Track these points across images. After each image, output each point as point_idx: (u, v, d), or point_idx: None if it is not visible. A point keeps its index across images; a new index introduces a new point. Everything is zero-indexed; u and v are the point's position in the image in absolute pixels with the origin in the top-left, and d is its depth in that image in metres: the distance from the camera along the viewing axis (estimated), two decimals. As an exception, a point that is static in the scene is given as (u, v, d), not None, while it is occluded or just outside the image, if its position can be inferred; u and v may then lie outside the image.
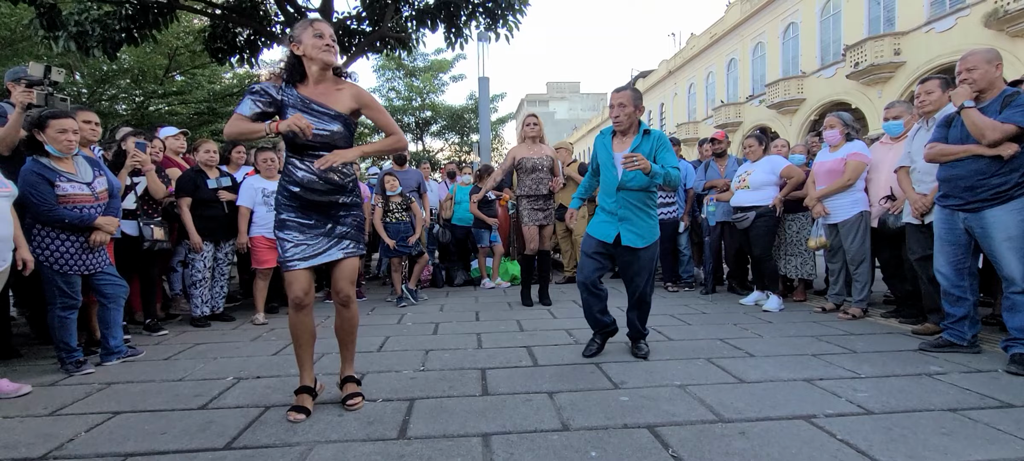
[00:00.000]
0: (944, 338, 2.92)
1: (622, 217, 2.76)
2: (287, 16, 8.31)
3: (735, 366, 2.69)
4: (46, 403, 2.32)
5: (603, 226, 2.82)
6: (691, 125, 27.46)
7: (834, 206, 3.97)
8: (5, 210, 2.46)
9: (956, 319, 2.86)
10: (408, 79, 21.10)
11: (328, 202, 2.14)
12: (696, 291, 5.29)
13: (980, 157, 2.65)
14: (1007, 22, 12.62)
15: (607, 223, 2.81)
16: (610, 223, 2.79)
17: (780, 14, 21.28)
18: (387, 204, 5.04)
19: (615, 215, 2.78)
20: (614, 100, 2.82)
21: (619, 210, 2.76)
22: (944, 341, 2.91)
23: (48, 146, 2.72)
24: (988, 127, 2.57)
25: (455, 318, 4.20)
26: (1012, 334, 2.63)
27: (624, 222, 2.76)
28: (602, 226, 2.82)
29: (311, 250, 2.12)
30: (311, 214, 2.13)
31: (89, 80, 11.92)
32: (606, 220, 2.82)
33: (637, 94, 2.84)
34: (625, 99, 2.78)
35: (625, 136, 2.84)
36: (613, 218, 2.78)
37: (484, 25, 8.90)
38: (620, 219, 2.76)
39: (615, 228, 2.76)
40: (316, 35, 2.06)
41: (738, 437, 1.85)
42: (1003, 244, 2.59)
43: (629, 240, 2.74)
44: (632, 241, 2.74)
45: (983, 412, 2.02)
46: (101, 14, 7.27)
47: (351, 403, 2.19)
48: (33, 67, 3.04)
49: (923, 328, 3.35)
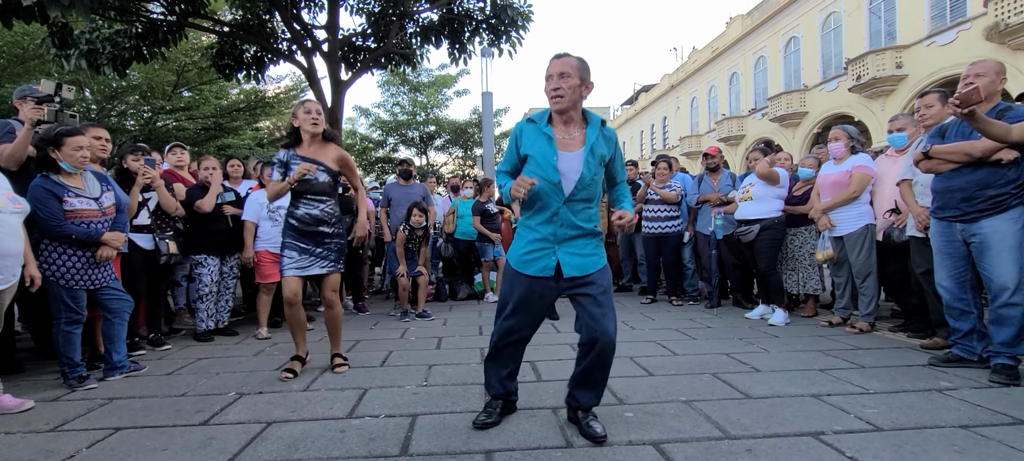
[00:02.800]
0: (954, 353, 2.88)
1: (561, 238, 1.96)
2: (293, 33, 8.44)
3: (741, 381, 2.66)
4: (48, 419, 2.32)
5: (534, 257, 1.97)
6: (694, 138, 27.52)
7: (839, 219, 3.95)
8: (16, 226, 2.48)
9: (963, 333, 2.83)
10: (412, 94, 21.30)
11: (317, 231, 2.96)
12: (700, 305, 5.25)
13: (977, 167, 2.64)
14: (1008, 35, 12.64)
15: (541, 252, 1.97)
16: (545, 250, 1.97)
17: (781, 29, 21.43)
18: (411, 234, 5.08)
19: (552, 239, 1.96)
20: (553, 68, 1.95)
21: (559, 229, 1.96)
22: (954, 356, 2.87)
23: (63, 163, 2.75)
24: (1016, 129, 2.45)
25: (458, 332, 4.18)
26: (996, 347, 2.62)
27: (564, 244, 1.96)
28: (533, 258, 1.98)
29: (304, 265, 2.95)
30: (306, 240, 2.95)
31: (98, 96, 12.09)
32: (539, 248, 1.97)
33: (584, 65, 1.98)
34: (569, 67, 1.94)
35: (568, 124, 2.01)
36: (549, 243, 1.97)
37: (487, 41, 9.01)
38: (559, 241, 1.96)
39: (552, 256, 1.96)
40: (306, 112, 2.94)
41: (745, 454, 1.82)
42: (1000, 254, 2.58)
43: (575, 268, 1.95)
44: (580, 267, 1.95)
45: (996, 429, 1.98)
46: (111, 32, 7.41)
47: (338, 368, 3.03)
48: (45, 84, 3.09)
49: (931, 342, 3.30)
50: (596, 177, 1.98)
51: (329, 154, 3.00)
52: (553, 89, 1.94)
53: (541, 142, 1.98)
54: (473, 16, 8.81)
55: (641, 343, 3.60)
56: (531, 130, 2.03)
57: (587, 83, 1.99)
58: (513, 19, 8.56)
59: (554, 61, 1.97)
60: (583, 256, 1.97)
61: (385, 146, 22.75)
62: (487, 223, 5.97)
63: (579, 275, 1.95)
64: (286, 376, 2.88)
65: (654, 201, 5.47)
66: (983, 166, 2.63)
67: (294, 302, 2.93)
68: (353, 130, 22.32)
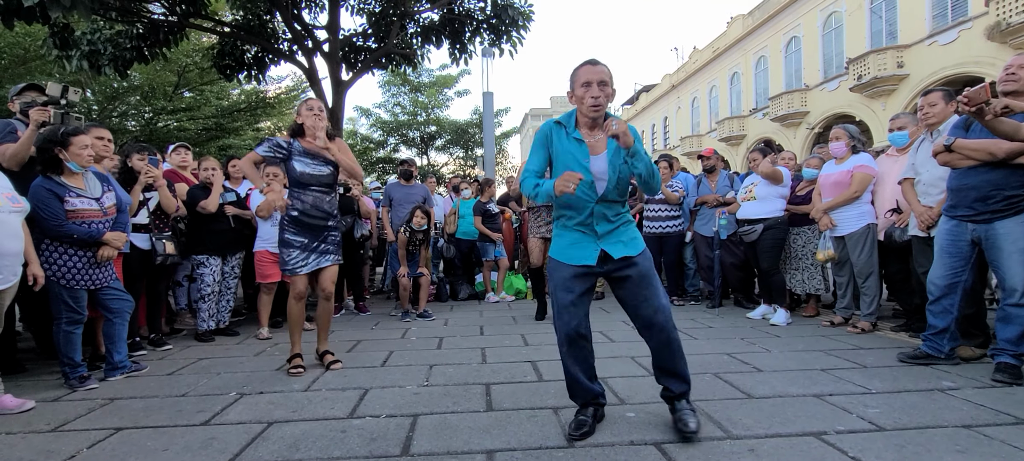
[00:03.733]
0: (922, 350, 2.92)
1: (602, 234, 2.04)
2: (294, 34, 8.44)
3: (743, 381, 2.65)
4: (49, 419, 2.32)
5: (578, 248, 2.05)
6: (695, 139, 27.51)
7: (841, 218, 3.94)
8: (16, 225, 2.48)
9: (937, 331, 2.86)
10: (413, 94, 21.29)
11: (319, 225, 3.01)
12: (702, 305, 5.24)
13: (995, 167, 2.60)
14: (1010, 34, 12.61)
15: (583, 243, 2.05)
16: (587, 241, 2.05)
17: (782, 28, 21.41)
18: (412, 237, 5.07)
19: (591, 230, 2.05)
20: (593, 75, 1.98)
21: (597, 225, 2.04)
22: (922, 353, 2.91)
23: (70, 163, 2.76)
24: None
25: (459, 332, 4.18)
26: (1000, 344, 2.62)
27: (605, 238, 2.04)
28: (576, 248, 2.05)
29: (308, 259, 3.00)
30: (306, 233, 2.98)
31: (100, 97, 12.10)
32: (580, 239, 2.06)
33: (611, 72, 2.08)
34: (607, 76, 2.00)
35: (594, 128, 2.06)
36: (589, 234, 2.05)
37: (488, 41, 9.01)
38: (599, 236, 2.04)
39: (595, 245, 2.04)
40: (308, 109, 3.04)
41: (747, 454, 1.81)
42: (1011, 256, 2.56)
43: (621, 250, 2.03)
44: (625, 250, 2.03)
45: (999, 429, 1.97)
46: (113, 33, 7.42)
47: (334, 366, 3.06)
48: (51, 87, 3.10)
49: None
50: (624, 174, 2.04)
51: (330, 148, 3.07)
52: (593, 97, 1.98)
53: (572, 146, 2.04)
54: (474, 16, 8.81)
55: (642, 343, 3.56)
56: (560, 133, 2.08)
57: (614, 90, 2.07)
58: (514, 19, 8.56)
59: (590, 67, 2.00)
60: (625, 242, 2.05)
61: (386, 146, 22.75)
62: (488, 223, 5.96)
63: (626, 256, 2.02)
64: (296, 372, 2.94)
65: (655, 201, 5.46)
66: (1002, 167, 2.59)
67: (303, 296, 3.02)
68: (354, 130, 22.31)
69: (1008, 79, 2.67)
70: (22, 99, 3.16)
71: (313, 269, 3.01)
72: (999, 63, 2.86)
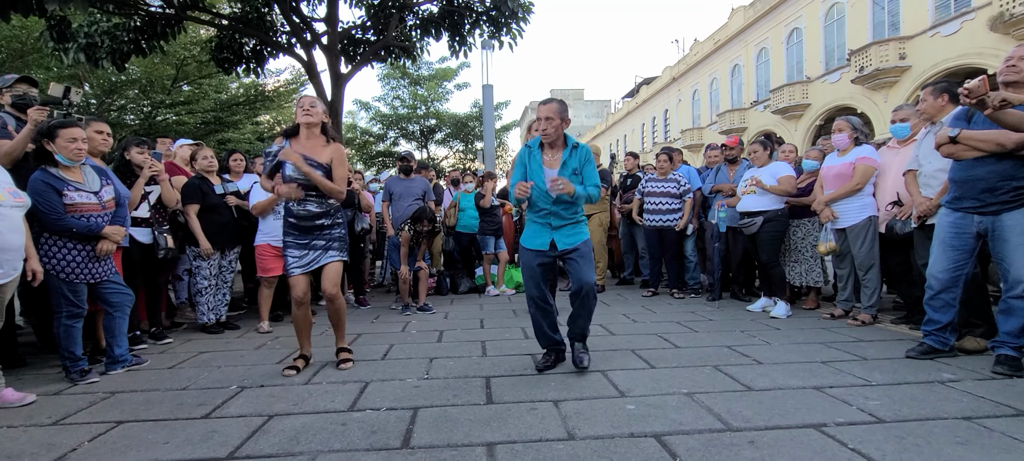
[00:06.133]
0: (927, 344, 2.89)
1: (555, 226, 2.81)
2: (293, 26, 8.39)
3: (743, 373, 2.65)
4: (50, 412, 2.32)
5: (537, 237, 2.85)
6: (695, 131, 27.42)
7: (842, 210, 3.92)
8: (17, 220, 2.48)
9: (941, 326, 2.84)
10: (413, 87, 21.22)
11: (315, 225, 2.95)
12: (702, 298, 5.24)
13: (1002, 158, 2.58)
14: (1013, 25, 12.53)
15: (541, 232, 2.85)
16: (543, 231, 2.84)
17: (784, 20, 21.27)
18: (416, 237, 5.06)
19: (548, 224, 2.82)
20: (541, 113, 2.81)
21: (552, 219, 2.81)
22: (928, 347, 2.88)
23: (58, 155, 2.74)
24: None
25: (460, 326, 4.18)
26: (1001, 336, 2.62)
27: (558, 230, 2.81)
28: (536, 237, 2.86)
29: (306, 261, 2.93)
30: (304, 235, 2.94)
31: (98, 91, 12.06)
32: (539, 231, 2.85)
33: (563, 106, 2.85)
34: (552, 112, 2.79)
35: (553, 148, 2.86)
36: (546, 227, 2.83)
37: (488, 34, 8.96)
38: (553, 227, 2.81)
39: (549, 235, 2.82)
40: (300, 107, 2.99)
41: (747, 446, 1.81)
42: (1020, 248, 2.54)
43: (565, 243, 2.81)
44: (569, 243, 2.81)
45: (999, 420, 1.98)
46: (110, 26, 7.38)
47: (343, 364, 2.99)
48: (53, 88, 3.08)
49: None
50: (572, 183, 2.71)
51: (326, 152, 2.96)
52: (542, 129, 2.82)
53: (536, 163, 2.85)
54: (473, 8, 8.75)
55: (643, 336, 3.59)
56: (530, 154, 2.89)
57: (566, 119, 2.84)
58: (513, 11, 8.50)
59: (541, 106, 2.83)
60: (570, 236, 2.84)
61: (385, 140, 22.70)
62: (489, 215, 5.96)
63: (569, 248, 2.82)
64: (288, 372, 2.87)
65: (655, 194, 5.45)
66: (1010, 158, 2.56)
67: (303, 302, 2.91)
68: (353, 124, 22.26)
69: (1009, 70, 2.64)
70: (13, 92, 3.14)
71: (310, 268, 2.93)
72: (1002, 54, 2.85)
